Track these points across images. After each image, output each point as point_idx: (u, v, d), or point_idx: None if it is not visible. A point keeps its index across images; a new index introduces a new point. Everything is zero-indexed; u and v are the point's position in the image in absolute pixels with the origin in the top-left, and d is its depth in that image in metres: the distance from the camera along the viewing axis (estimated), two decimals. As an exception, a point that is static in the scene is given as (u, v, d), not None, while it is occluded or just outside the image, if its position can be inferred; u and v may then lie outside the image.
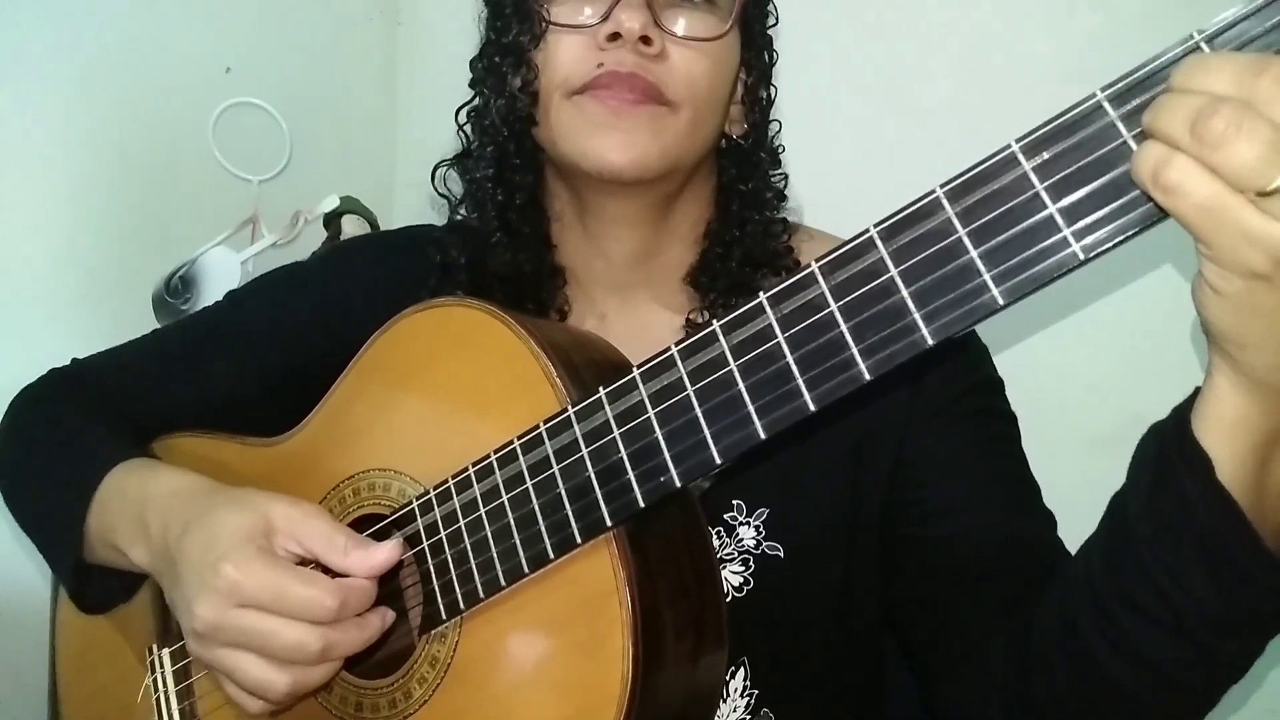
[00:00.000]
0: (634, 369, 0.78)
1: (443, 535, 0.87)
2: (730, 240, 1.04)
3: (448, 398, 0.91)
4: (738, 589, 0.98)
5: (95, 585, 1.06)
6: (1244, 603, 0.69)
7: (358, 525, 0.94)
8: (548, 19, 0.98)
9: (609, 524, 0.78)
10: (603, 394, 0.79)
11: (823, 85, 1.59)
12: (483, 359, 0.89)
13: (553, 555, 0.81)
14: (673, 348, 0.76)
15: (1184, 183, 0.55)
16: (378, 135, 2.10)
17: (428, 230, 1.15)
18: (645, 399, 0.76)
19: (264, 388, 1.13)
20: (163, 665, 1.04)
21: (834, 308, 0.67)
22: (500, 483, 0.84)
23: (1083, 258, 0.59)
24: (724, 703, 0.99)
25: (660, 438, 0.75)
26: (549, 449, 0.81)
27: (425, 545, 0.89)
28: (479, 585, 0.84)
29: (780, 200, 1.08)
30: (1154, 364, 1.40)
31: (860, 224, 0.68)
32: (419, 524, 0.89)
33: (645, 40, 0.94)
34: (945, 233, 0.63)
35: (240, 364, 1.13)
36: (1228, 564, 0.68)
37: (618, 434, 0.78)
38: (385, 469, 0.94)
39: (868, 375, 0.66)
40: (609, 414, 0.78)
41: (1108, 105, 0.58)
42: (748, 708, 1.00)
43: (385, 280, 1.11)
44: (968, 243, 0.62)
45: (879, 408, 0.98)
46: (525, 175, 1.05)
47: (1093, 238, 0.59)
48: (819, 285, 0.68)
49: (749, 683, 1.00)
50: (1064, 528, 0.96)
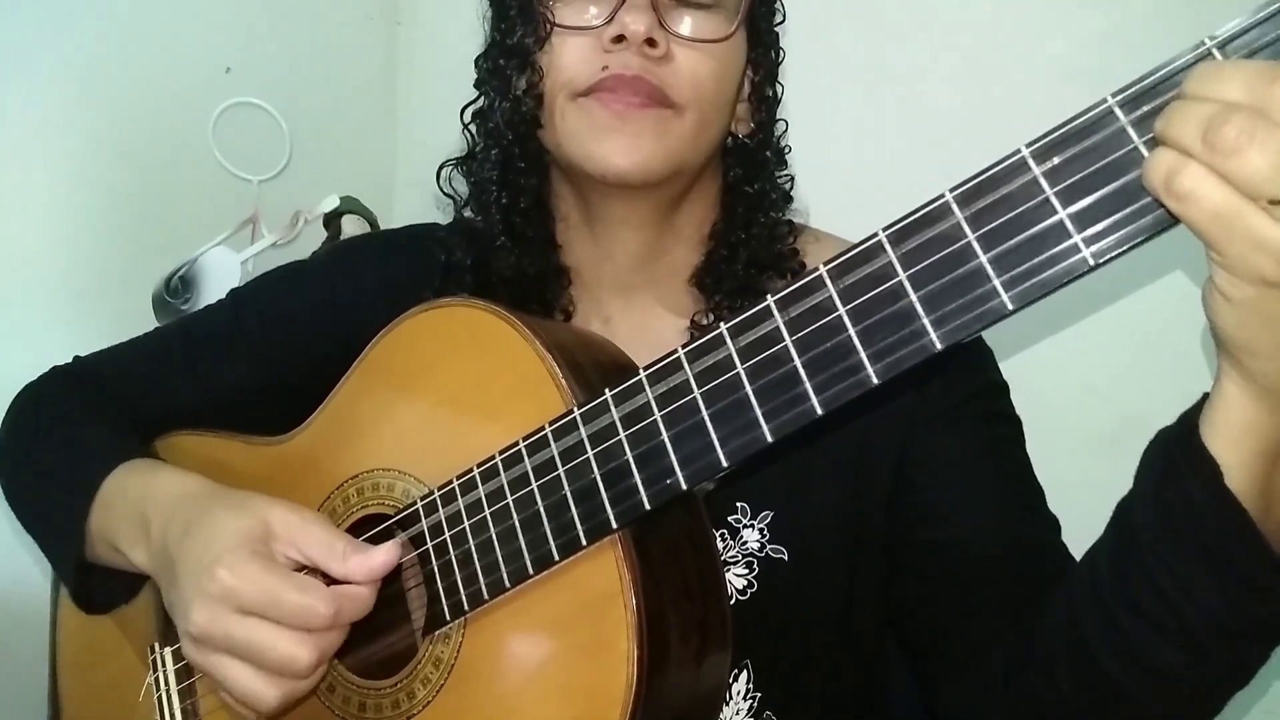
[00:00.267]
0: (640, 371, 0.78)
1: (447, 536, 0.87)
2: (736, 242, 1.04)
3: (452, 398, 0.91)
4: (741, 592, 0.98)
5: (97, 585, 1.05)
6: (1251, 610, 0.69)
7: (362, 525, 0.94)
8: (552, 20, 0.97)
9: (614, 526, 0.78)
10: (609, 396, 0.79)
11: (827, 86, 1.59)
12: (488, 359, 0.89)
13: (558, 557, 0.80)
14: (680, 350, 0.75)
15: (1196, 190, 0.55)
16: (378, 135, 2.09)
17: (431, 229, 1.15)
18: (652, 401, 0.76)
19: (267, 386, 1.13)
20: (164, 664, 1.04)
21: (842, 311, 0.67)
22: (505, 484, 0.84)
23: (1093, 264, 0.59)
24: (727, 705, 0.99)
25: (667, 440, 0.75)
26: (554, 450, 0.81)
27: (430, 546, 0.88)
28: (483, 586, 0.84)
29: (786, 201, 1.07)
30: (1154, 365, 1.41)
31: (865, 225, 0.68)
32: (423, 525, 0.89)
33: (650, 42, 0.93)
34: (955, 237, 0.63)
35: (243, 362, 1.13)
36: (1235, 571, 0.68)
37: (624, 436, 0.77)
38: (389, 469, 0.94)
39: (876, 379, 0.66)
40: (615, 416, 0.78)
41: (1119, 111, 0.58)
42: (750, 710, 1.00)
43: (389, 279, 1.11)
44: (977, 247, 0.62)
45: (883, 411, 0.98)
46: (530, 178, 1.04)
47: (1103, 244, 0.59)
48: (827, 288, 0.68)
49: (752, 685, 1.00)
50: (1064, 528, 0.96)
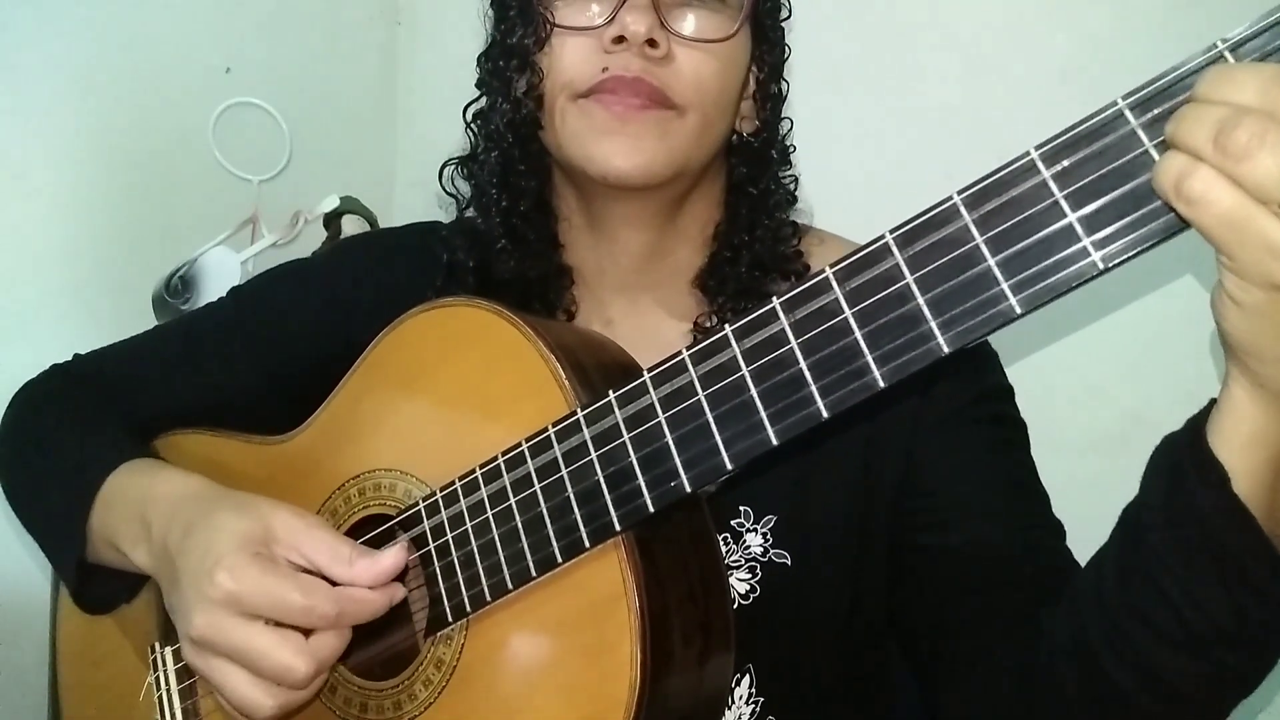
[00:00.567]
0: (644, 373, 0.77)
1: (449, 537, 0.87)
2: (739, 244, 1.03)
3: (455, 398, 0.91)
4: (744, 596, 0.98)
5: (98, 585, 1.05)
6: (1258, 617, 0.69)
7: (363, 525, 0.94)
8: (553, 21, 0.96)
9: (617, 528, 0.77)
10: (613, 397, 0.78)
11: (830, 86, 1.59)
12: (490, 360, 0.89)
13: (560, 559, 0.80)
14: (684, 352, 0.75)
15: (1207, 194, 0.55)
16: (378, 135, 2.09)
17: (433, 228, 1.14)
18: (656, 403, 0.76)
19: (268, 385, 1.12)
20: (165, 663, 1.03)
21: (849, 314, 0.67)
22: (508, 485, 0.83)
23: (1102, 267, 0.59)
24: (729, 710, 0.99)
25: (671, 443, 0.75)
26: (558, 452, 0.81)
27: (432, 547, 0.88)
28: (486, 588, 0.84)
29: (790, 202, 1.07)
30: (1159, 367, 1.40)
31: (869, 226, 0.68)
32: (425, 526, 0.89)
33: (651, 43, 0.92)
34: (962, 240, 0.62)
35: (244, 361, 1.13)
36: (1242, 578, 0.68)
37: (628, 438, 0.77)
38: (391, 469, 0.94)
39: (882, 383, 0.66)
40: (619, 418, 0.78)
41: (1129, 114, 0.58)
42: (753, 715, 1.00)
43: (391, 277, 1.11)
44: (985, 250, 0.62)
45: (888, 415, 0.98)
46: (530, 180, 1.04)
47: (1113, 248, 0.59)
48: (833, 291, 0.68)
49: (754, 690, 1.00)
50: (1069, 531, 0.96)
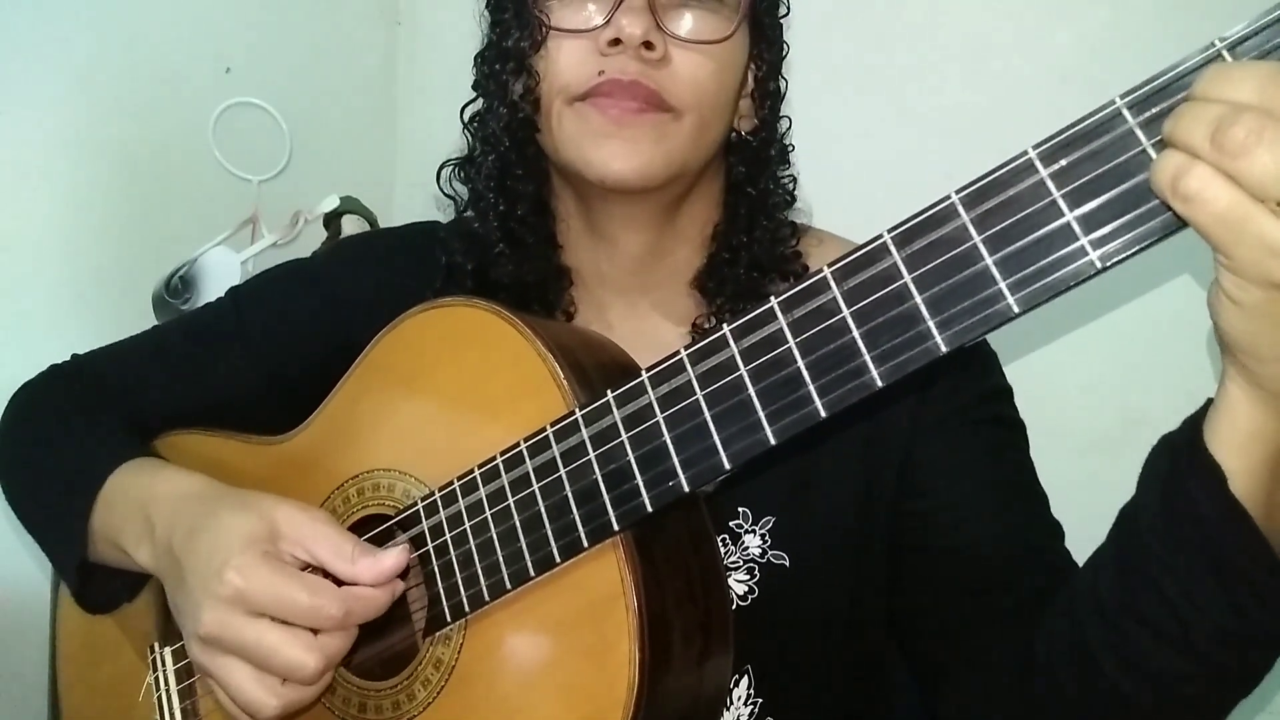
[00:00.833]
0: (643, 372, 0.77)
1: (448, 537, 0.87)
2: (738, 245, 1.03)
3: (453, 398, 0.91)
4: (743, 598, 0.98)
5: (99, 585, 1.05)
6: (1256, 617, 0.69)
7: (362, 525, 0.94)
8: (548, 24, 0.96)
9: (616, 528, 0.77)
10: (611, 397, 0.78)
11: (828, 86, 1.59)
12: (489, 360, 0.89)
13: (559, 559, 0.80)
14: (682, 351, 0.75)
15: (1203, 192, 0.54)
16: (378, 135, 2.09)
17: (433, 227, 1.14)
18: (654, 402, 0.76)
19: (267, 385, 1.12)
20: (164, 663, 1.03)
21: (846, 313, 0.67)
22: (506, 485, 0.83)
23: (1100, 266, 0.59)
24: (728, 711, 0.99)
25: (669, 442, 0.75)
26: (556, 452, 0.81)
27: (430, 547, 0.88)
28: (484, 588, 0.84)
29: (789, 202, 1.06)
30: (1157, 367, 1.40)
31: (867, 225, 0.68)
32: (424, 525, 0.89)
33: (647, 45, 0.92)
34: (960, 239, 0.62)
35: (243, 361, 1.12)
36: (1241, 579, 0.67)
37: (626, 438, 0.77)
38: (390, 469, 0.94)
39: (880, 382, 0.66)
40: (617, 417, 0.78)
41: (1127, 113, 0.58)
42: (751, 715, 1.00)
43: (391, 277, 1.10)
44: (983, 250, 0.62)
45: (886, 415, 0.98)
46: (527, 185, 1.04)
47: (1110, 246, 0.59)
48: (831, 290, 0.68)
49: (753, 691, 0.99)
50: (1067, 531, 0.96)
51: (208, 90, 1.76)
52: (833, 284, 0.68)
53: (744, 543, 0.99)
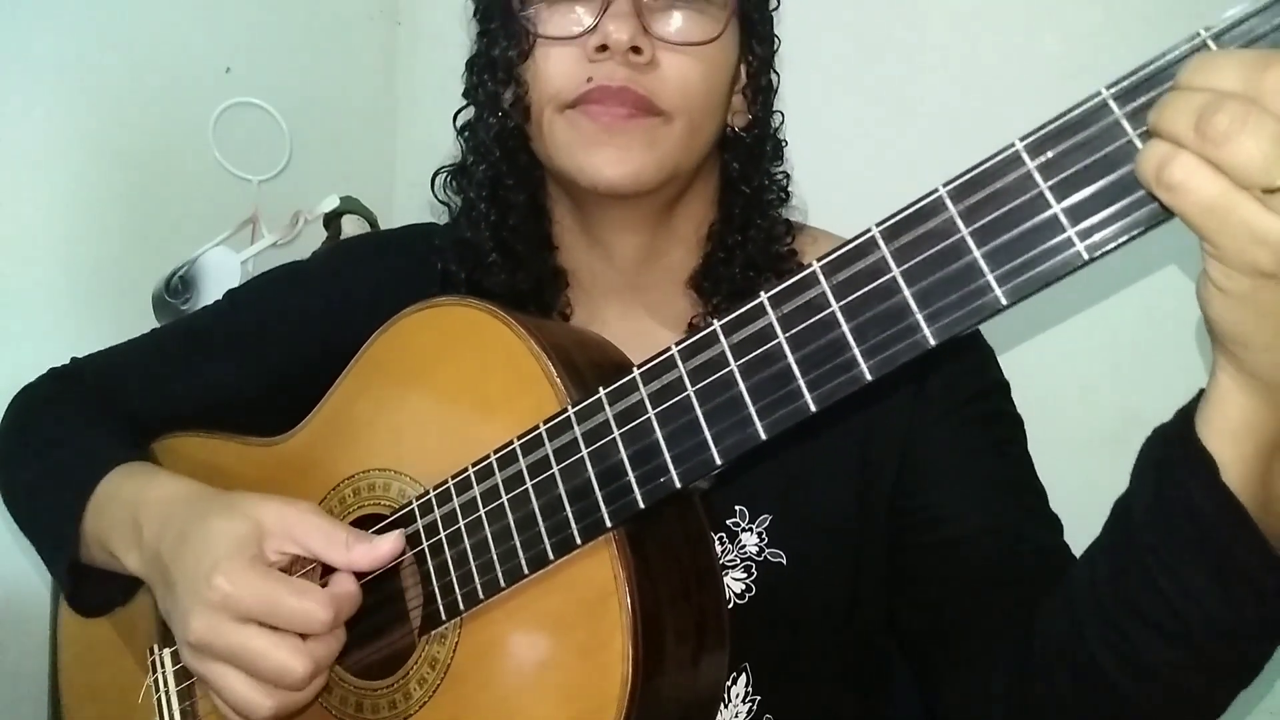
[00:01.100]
0: (634, 369, 0.77)
1: (442, 536, 0.87)
2: (733, 244, 1.02)
3: (448, 397, 0.91)
4: (740, 596, 0.98)
5: (92, 588, 1.05)
6: (1251, 609, 0.68)
7: (358, 525, 0.93)
8: (535, 31, 0.95)
9: (609, 525, 0.77)
10: (603, 394, 0.78)
11: (822, 85, 1.58)
12: (483, 358, 0.89)
13: (552, 556, 0.80)
14: (673, 347, 0.75)
15: (1187, 181, 0.54)
16: (378, 135, 2.09)
17: (430, 229, 1.14)
18: (645, 399, 0.76)
19: (264, 387, 1.12)
20: (164, 665, 1.03)
21: (835, 308, 0.67)
22: (500, 483, 0.83)
23: (1087, 257, 0.59)
24: (725, 708, 0.99)
25: (660, 438, 0.75)
26: (549, 449, 0.81)
27: (425, 546, 0.88)
28: (479, 586, 0.84)
29: (783, 199, 1.06)
30: (1156, 364, 1.40)
31: (860, 223, 0.67)
32: (419, 524, 0.89)
33: (635, 49, 0.91)
34: (948, 232, 0.62)
35: (240, 364, 1.12)
36: (1234, 570, 0.67)
37: (618, 434, 0.77)
38: (385, 469, 0.94)
39: (869, 376, 0.66)
40: (609, 414, 0.78)
41: (1113, 103, 0.57)
42: (749, 714, 0.99)
43: (387, 280, 1.10)
44: (971, 242, 0.61)
45: (883, 412, 0.97)
46: (519, 194, 1.03)
47: (1097, 237, 0.58)
48: (820, 285, 0.67)
49: (751, 689, 0.99)
50: (1065, 527, 0.96)
51: (208, 90, 1.77)
52: (822, 278, 0.67)
53: (741, 541, 0.99)
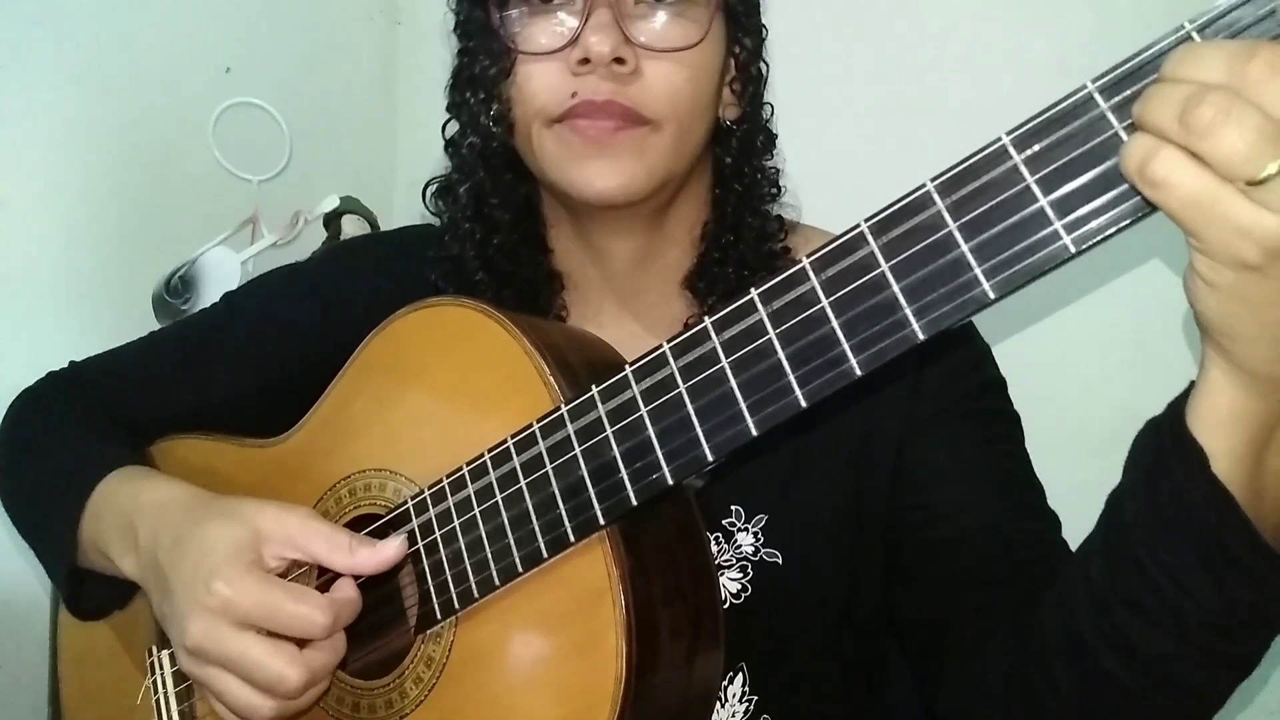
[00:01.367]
0: (626, 366, 0.77)
1: (437, 535, 0.87)
2: (726, 244, 1.02)
3: (442, 397, 0.91)
4: (736, 596, 0.97)
5: (90, 591, 1.05)
6: (1244, 600, 0.67)
7: (354, 525, 0.94)
8: (515, 48, 0.94)
9: (602, 522, 0.77)
10: (595, 392, 0.78)
11: (815, 86, 1.58)
12: (477, 358, 0.89)
13: (546, 554, 0.80)
14: (665, 345, 0.75)
15: (1170, 176, 0.54)
16: (378, 135, 2.09)
17: (427, 230, 1.13)
18: (638, 396, 0.76)
19: (262, 390, 1.12)
20: (162, 667, 1.03)
21: (825, 303, 0.67)
22: (494, 481, 0.83)
23: (1074, 250, 0.59)
24: (722, 708, 0.98)
25: (652, 435, 0.75)
26: (542, 447, 0.81)
27: (420, 545, 0.88)
28: (473, 585, 0.84)
29: (774, 195, 1.05)
30: (1154, 362, 1.39)
31: (851, 221, 0.67)
32: (414, 524, 0.89)
33: (618, 60, 0.90)
34: (936, 226, 0.62)
35: (238, 367, 1.12)
36: (1226, 561, 0.66)
37: (610, 432, 0.77)
38: (381, 469, 0.94)
39: (859, 371, 0.65)
40: (601, 412, 0.78)
41: (1099, 96, 0.57)
42: (746, 713, 0.99)
43: (384, 282, 1.10)
44: (958, 236, 0.61)
45: (879, 411, 0.97)
46: (504, 213, 1.03)
47: (1084, 230, 0.58)
48: (810, 281, 0.67)
49: (748, 688, 0.99)
50: (1064, 525, 0.95)
51: (208, 90, 1.77)
52: (811, 274, 0.67)
53: (737, 541, 0.98)
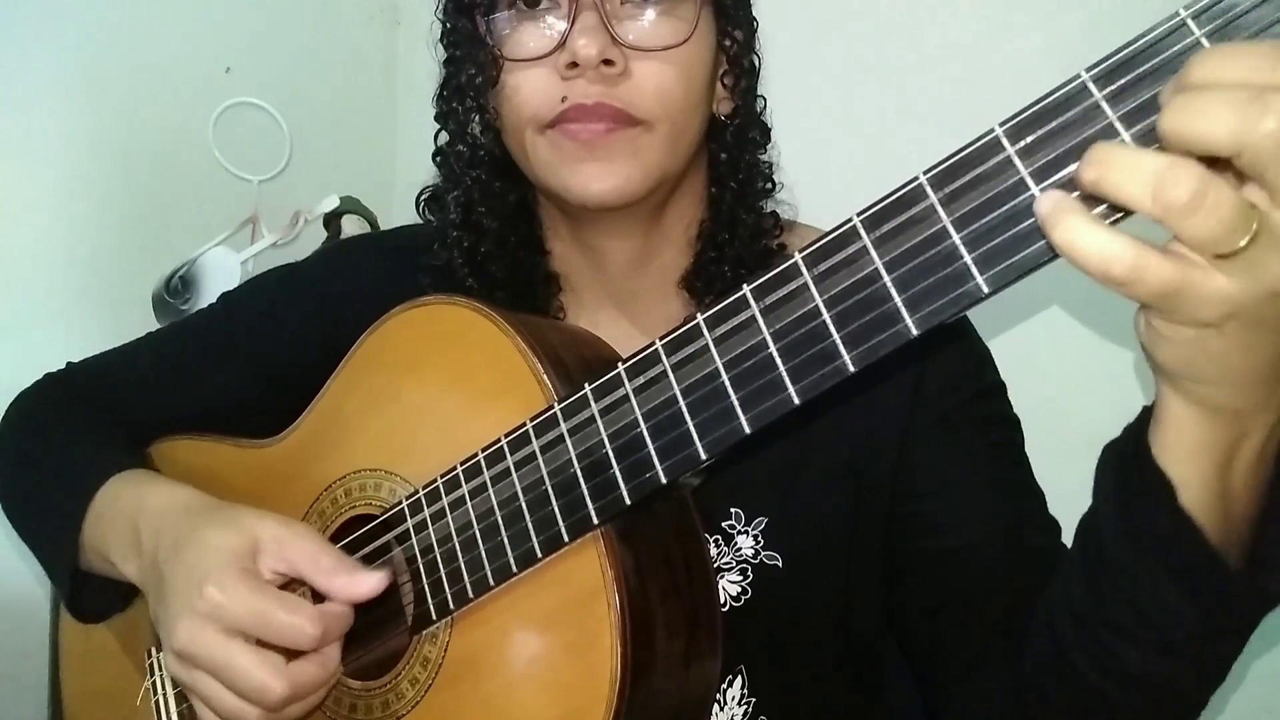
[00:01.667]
0: (620, 364, 0.77)
1: (432, 535, 0.87)
2: (722, 242, 1.01)
3: (437, 396, 0.91)
4: (735, 598, 0.97)
5: (92, 594, 1.05)
6: (1222, 617, 0.69)
7: (350, 525, 0.94)
8: (501, 55, 0.93)
9: (595, 522, 0.77)
10: (588, 390, 0.78)
11: (813, 82, 1.57)
12: (471, 357, 0.88)
13: (540, 554, 0.80)
14: (657, 342, 0.74)
15: (1140, 276, 0.54)
16: (378, 135, 2.08)
17: (425, 230, 1.13)
18: (630, 394, 0.75)
19: (260, 390, 1.12)
20: (162, 668, 1.04)
21: (818, 299, 0.66)
22: (488, 480, 0.83)
23: (1069, 243, 0.58)
24: (721, 710, 0.98)
25: (645, 433, 0.74)
26: (535, 446, 0.80)
27: (415, 545, 0.88)
28: (468, 585, 0.84)
29: (769, 190, 1.04)
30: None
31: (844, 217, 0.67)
32: (409, 523, 0.89)
33: (607, 62, 0.89)
34: (928, 219, 0.61)
35: (235, 368, 1.12)
36: (1201, 585, 0.68)
37: (603, 430, 0.77)
38: (376, 469, 0.94)
39: (852, 367, 0.65)
40: (594, 409, 0.77)
41: (1092, 86, 0.56)
42: (745, 715, 0.98)
43: (381, 281, 1.09)
44: (951, 229, 0.60)
45: (880, 415, 0.96)
46: (492, 220, 1.02)
47: (1079, 222, 0.57)
48: (803, 275, 0.67)
49: (746, 691, 0.98)
50: (1064, 528, 0.95)
51: (208, 90, 1.76)
52: (804, 269, 0.67)
53: (737, 543, 0.97)
